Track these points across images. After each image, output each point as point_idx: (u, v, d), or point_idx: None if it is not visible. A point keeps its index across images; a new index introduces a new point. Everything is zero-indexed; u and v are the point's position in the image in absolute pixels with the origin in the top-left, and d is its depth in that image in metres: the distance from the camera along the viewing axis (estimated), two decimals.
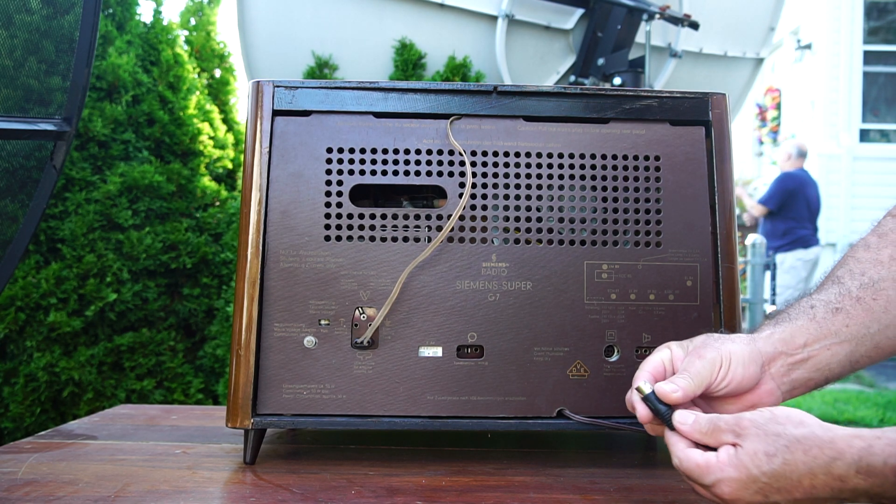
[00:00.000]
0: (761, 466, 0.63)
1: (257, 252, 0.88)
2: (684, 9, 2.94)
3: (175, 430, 1.09)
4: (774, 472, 0.63)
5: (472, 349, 0.89)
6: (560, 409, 0.89)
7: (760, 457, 0.64)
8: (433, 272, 0.89)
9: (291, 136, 0.91)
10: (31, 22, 1.31)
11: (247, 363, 0.87)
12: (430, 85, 0.93)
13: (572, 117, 0.93)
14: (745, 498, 0.64)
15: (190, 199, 2.72)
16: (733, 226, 0.93)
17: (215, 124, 2.95)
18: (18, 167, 1.31)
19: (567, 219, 0.91)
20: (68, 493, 0.76)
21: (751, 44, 3.42)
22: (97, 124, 2.59)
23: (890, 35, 8.24)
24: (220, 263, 2.66)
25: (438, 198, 0.94)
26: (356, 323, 0.88)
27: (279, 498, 0.76)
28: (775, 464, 0.63)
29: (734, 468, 0.64)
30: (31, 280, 2.43)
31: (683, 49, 3.11)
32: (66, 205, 2.54)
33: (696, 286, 0.91)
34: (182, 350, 2.57)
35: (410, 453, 0.95)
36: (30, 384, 2.39)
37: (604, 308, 0.90)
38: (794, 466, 0.62)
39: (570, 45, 2.96)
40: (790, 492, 0.62)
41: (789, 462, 0.62)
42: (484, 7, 2.83)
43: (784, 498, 0.63)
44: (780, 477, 0.63)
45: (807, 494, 0.62)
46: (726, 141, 0.94)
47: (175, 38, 2.88)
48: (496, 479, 0.84)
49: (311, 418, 0.87)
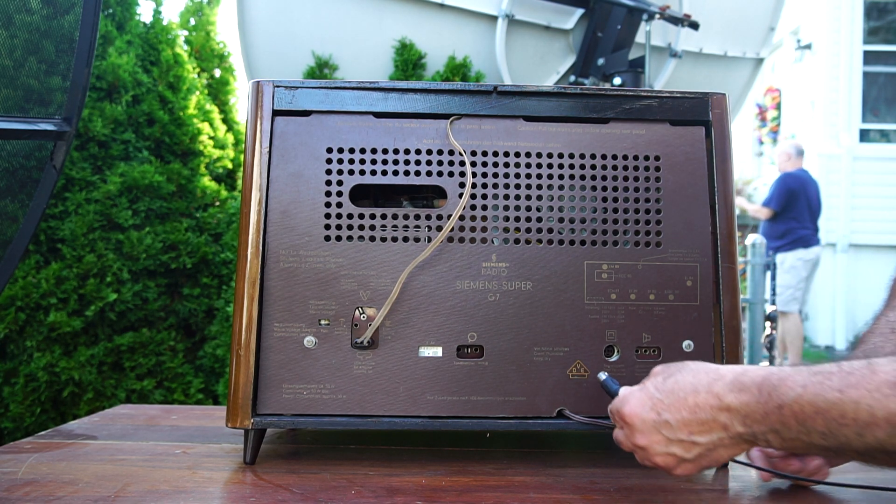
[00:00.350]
0: (658, 386, 0.74)
1: (257, 252, 0.88)
2: (684, 9, 2.94)
3: (175, 430, 1.09)
4: (666, 389, 0.73)
5: (472, 349, 0.89)
6: (560, 409, 0.88)
7: (659, 379, 0.75)
8: (433, 272, 0.89)
9: (291, 136, 0.91)
10: (31, 22, 1.31)
11: (247, 363, 0.87)
12: (430, 85, 0.93)
13: (572, 117, 0.93)
14: (641, 414, 0.73)
15: (190, 199, 2.72)
16: (733, 226, 0.93)
17: (215, 124, 2.95)
18: (18, 167, 1.31)
19: (567, 219, 0.91)
20: (68, 493, 0.76)
21: (751, 44, 3.42)
22: (97, 124, 2.59)
23: (890, 35, 8.23)
24: (220, 263, 2.66)
25: (438, 198, 0.94)
26: (356, 323, 0.88)
27: (279, 498, 0.76)
28: (668, 384, 0.73)
29: (639, 389, 0.75)
30: (31, 280, 2.43)
31: (683, 49, 3.11)
32: (66, 205, 2.54)
33: (696, 286, 0.91)
34: (182, 350, 2.57)
35: (410, 453, 0.95)
36: (30, 384, 2.39)
37: (604, 308, 0.90)
38: (682, 385, 0.72)
39: (570, 45, 2.96)
40: (678, 409, 0.71)
41: (679, 381, 0.73)
42: (484, 7, 2.83)
43: (672, 416, 0.71)
44: (670, 394, 0.72)
45: (691, 413, 0.71)
46: (726, 141, 0.94)
47: (175, 38, 2.88)
48: (496, 479, 0.84)
49: (311, 418, 0.87)
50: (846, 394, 0.63)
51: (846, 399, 0.63)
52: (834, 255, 7.67)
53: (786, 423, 0.66)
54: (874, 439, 0.62)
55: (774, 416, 0.67)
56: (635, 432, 0.74)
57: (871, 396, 0.62)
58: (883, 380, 0.61)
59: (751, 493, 0.83)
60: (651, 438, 0.73)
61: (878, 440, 0.62)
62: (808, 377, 0.66)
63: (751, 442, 0.70)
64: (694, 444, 0.71)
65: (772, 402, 0.67)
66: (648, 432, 0.73)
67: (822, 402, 0.64)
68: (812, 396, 0.65)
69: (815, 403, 0.64)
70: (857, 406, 0.62)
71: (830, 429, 0.64)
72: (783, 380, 0.67)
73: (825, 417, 0.64)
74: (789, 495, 0.82)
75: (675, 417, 0.71)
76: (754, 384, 0.68)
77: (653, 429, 0.72)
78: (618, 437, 0.77)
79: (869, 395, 0.62)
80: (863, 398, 0.62)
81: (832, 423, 0.64)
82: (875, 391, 0.62)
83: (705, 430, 0.70)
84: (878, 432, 0.62)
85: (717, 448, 0.71)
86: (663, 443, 0.72)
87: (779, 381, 0.67)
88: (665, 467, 0.74)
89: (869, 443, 0.62)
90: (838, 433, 0.64)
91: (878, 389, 0.61)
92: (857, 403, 0.62)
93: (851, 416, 0.63)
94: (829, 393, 0.64)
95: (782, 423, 0.66)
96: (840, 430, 0.63)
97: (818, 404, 0.64)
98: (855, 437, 0.63)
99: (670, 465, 0.73)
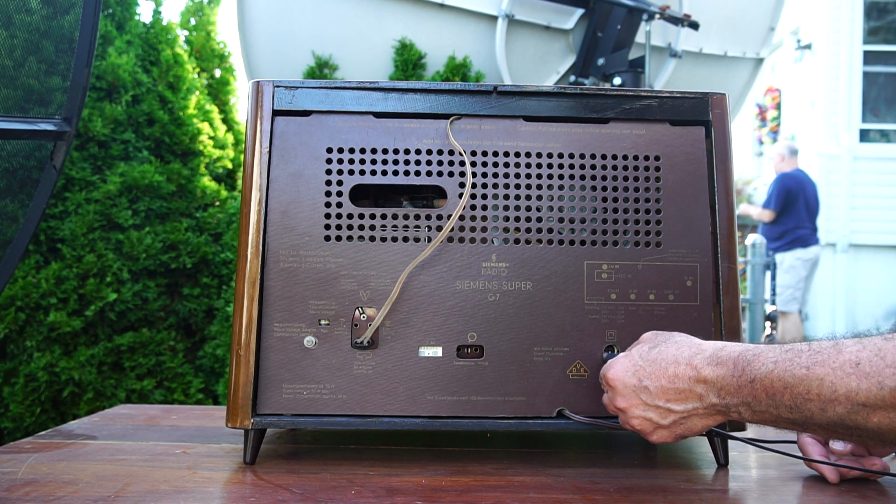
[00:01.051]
0: (643, 355, 0.79)
1: (257, 252, 0.88)
2: (684, 9, 2.94)
3: (175, 430, 1.09)
4: (650, 358, 0.77)
5: (472, 349, 0.89)
6: (560, 409, 0.88)
7: (644, 348, 0.80)
8: (433, 272, 0.89)
9: (291, 136, 0.91)
10: (31, 22, 1.31)
11: (247, 363, 0.87)
12: (430, 85, 0.93)
13: (572, 117, 0.93)
14: (623, 378, 0.78)
15: (190, 199, 2.72)
16: (733, 226, 0.93)
17: (215, 124, 2.95)
18: (18, 167, 1.31)
19: (567, 219, 0.91)
20: (68, 493, 0.76)
21: (751, 44, 3.42)
22: (97, 124, 2.59)
23: (890, 35, 8.23)
24: (220, 263, 2.66)
25: (438, 198, 0.94)
26: (356, 323, 0.88)
27: (279, 498, 0.76)
28: (653, 353, 0.78)
29: (624, 356, 0.81)
30: (31, 280, 2.43)
31: (683, 49, 3.11)
32: (66, 205, 2.54)
33: (696, 286, 0.91)
34: (182, 350, 2.57)
35: (410, 453, 0.95)
36: (30, 384, 2.39)
37: (604, 308, 0.90)
38: (665, 355, 0.77)
39: (570, 45, 2.95)
40: (658, 377, 0.76)
41: (662, 352, 0.77)
42: (484, 7, 2.83)
43: (652, 383, 0.76)
44: (653, 363, 0.77)
45: (670, 382, 0.75)
46: (726, 141, 0.94)
47: (175, 38, 2.88)
48: (496, 479, 0.84)
49: (311, 418, 0.87)
50: (812, 371, 0.66)
51: (812, 376, 0.66)
52: (834, 255, 7.66)
53: (757, 397, 0.70)
54: (835, 414, 0.65)
55: (747, 389, 0.70)
56: (617, 395, 0.79)
57: (833, 374, 0.65)
58: (846, 359, 0.65)
59: (751, 493, 0.83)
60: (630, 402, 0.78)
61: (839, 415, 0.65)
62: (780, 354, 0.69)
63: (723, 413, 0.74)
64: (670, 412, 0.76)
65: (745, 377, 0.71)
66: (628, 396, 0.78)
67: (790, 378, 0.67)
68: (781, 372, 0.68)
69: (784, 379, 0.68)
70: (821, 382, 0.66)
71: (797, 403, 0.67)
72: (757, 356, 0.71)
73: (792, 392, 0.67)
74: (789, 495, 0.82)
75: (654, 385, 0.76)
76: (730, 359, 0.73)
77: (632, 393, 0.77)
78: (604, 400, 0.82)
79: (832, 372, 0.65)
80: (826, 375, 0.65)
81: (798, 398, 0.67)
82: (838, 369, 0.65)
83: (681, 398, 0.75)
84: (839, 408, 0.65)
85: (691, 417, 0.76)
86: (641, 407, 0.77)
87: (753, 357, 0.71)
88: (641, 430, 0.79)
89: (830, 417, 0.66)
90: (803, 407, 0.67)
91: (840, 368, 0.65)
92: (821, 380, 0.66)
93: (815, 391, 0.66)
94: (797, 369, 0.67)
95: (754, 396, 0.70)
96: (805, 404, 0.67)
97: (786, 379, 0.68)
98: (818, 412, 0.66)
99: (646, 429, 0.78)
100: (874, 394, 0.63)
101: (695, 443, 1.03)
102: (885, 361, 0.62)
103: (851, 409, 0.64)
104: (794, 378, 0.67)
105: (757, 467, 0.94)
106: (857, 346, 0.65)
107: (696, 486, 0.84)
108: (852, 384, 0.64)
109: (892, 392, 0.62)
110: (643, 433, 0.79)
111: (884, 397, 0.62)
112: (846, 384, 0.64)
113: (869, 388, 0.63)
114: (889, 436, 0.64)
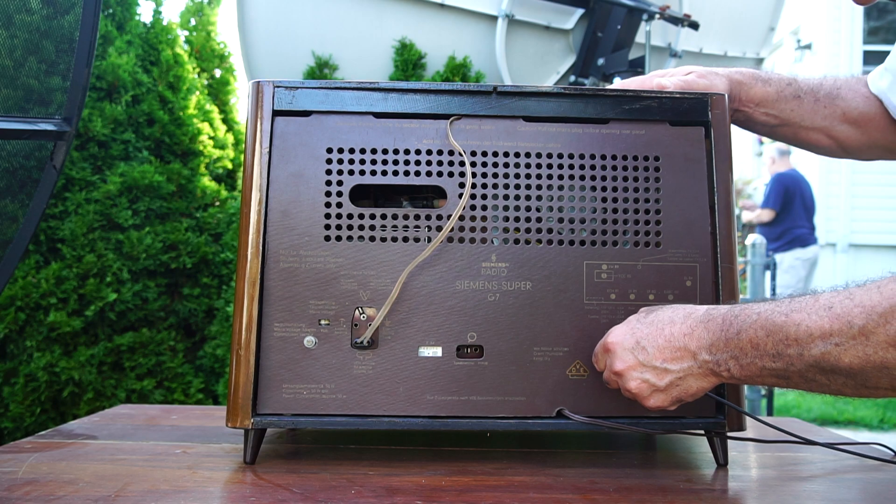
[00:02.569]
0: (640, 319, 0.83)
1: (257, 252, 0.88)
2: (684, 9, 2.94)
3: (175, 430, 1.09)
4: (647, 321, 0.81)
5: (472, 349, 0.89)
6: (560, 409, 0.89)
7: (641, 314, 0.84)
8: (433, 272, 0.89)
9: (291, 136, 0.91)
10: (31, 22, 1.31)
11: (247, 363, 0.87)
12: (430, 85, 0.93)
13: (572, 117, 0.93)
14: (621, 342, 0.81)
15: (190, 199, 2.72)
16: (733, 226, 0.93)
17: (215, 124, 2.95)
18: (18, 167, 1.31)
19: (567, 219, 0.91)
20: (68, 493, 0.76)
21: (751, 44, 3.42)
22: (97, 124, 2.59)
23: (890, 35, 8.22)
24: (220, 263, 2.66)
25: (438, 198, 0.94)
26: (356, 323, 0.88)
27: (279, 498, 0.76)
28: (650, 317, 0.82)
29: (623, 322, 0.84)
30: (31, 280, 2.43)
31: (683, 49, 3.11)
32: (66, 205, 2.54)
33: (695, 286, 0.91)
34: (182, 350, 2.57)
35: (410, 453, 0.95)
36: (30, 384, 2.39)
37: (604, 308, 0.90)
38: (661, 317, 0.81)
39: (570, 45, 2.95)
40: (655, 337, 0.79)
41: (658, 315, 0.81)
42: (484, 7, 2.82)
43: (649, 343, 0.79)
44: (649, 324, 0.81)
45: (666, 341, 0.78)
46: (726, 141, 0.94)
47: (175, 39, 2.88)
48: (496, 479, 0.84)
49: (311, 418, 0.87)
50: (790, 317, 0.70)
51: (790, 321, 0.70)
52: (834, 255, 7.66)
53: (743, 349, 0.74)
54: (811, 357, 0.69)
55: (734, 342, 0.74)
56: (615, 359, 0.81)
57: (809, 318, 0.69)
58: (821, 304, 0.69)
59: (751, 493, 0.83)
60: (627, 363, 0.80)
61: (815, 358, 0.69)
62: (763, 306, 0.74)
63: (715, 373, 0.77)
64: (666, 371, 0.79)
65: (732, 330, 0.75)
66: (626, 358, 0.80)
67: (771, 325, 0.72)
68: (763, 321, 0.72)
69: (766, 327, 0.72)
70: (797, 327, 0.70)
71: (778, 350, 0.71)
72: (743, 310, 0.76)
73: (774, 339, 0.71)
74: (789, 495, 0.82)
75: (651, 344, 0.79)
76: (720, 315, 0.77)
77: (630, 354, 0.80)
78: (604, 375, 0.85)
79: (808, 317, 0.69)
80: (803, 320, 0.69)
81: (780, 345, 0.71)
82: (813, 313, 0.69)
83: (677, 357, 0.78)
84: (814, 349, 0.69)
85: (687, 377, 0.78)
86: (638, 368, 0.80)
87: (739, 311, 0.76)
88: (638, 394, 0.81)
89: (807, 361, 0.69)
90: (784, 353, 0.71)
91: (815, 312, 0.69)
92: (797, 325, 0.70)
93: (793, 336, 0.70)
94: (777, 317, 0.71)
95: (740, 348, 0.74)
96: (785, 350, 0.71)
97: (768, 327, 0.72)
98: (797, 357, 0.70)
99: (643, 392, 0.80)
100: (845, 332, 0.67)
101: (695, 443, 1.03)
102: (853, 302, 0.67)
103: (825, 349, 0.68)
104: (774, 325, 0.71)
105: (757, 467, 0.94)
106: (832, 293, 0.70)
107: (695, 486, 0.84)
108: (825, 325, 0.68)
109: (860, 330, 0.66)
110: (640, 397, 0.81)
111: (853, 335, 0.66)
112: (820, 326, 0.68)
113: (840, 328, 0.67)
114: (861, 376, 0.67)
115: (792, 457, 0.99)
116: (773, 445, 1.02)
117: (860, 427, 4.46)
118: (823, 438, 1.02)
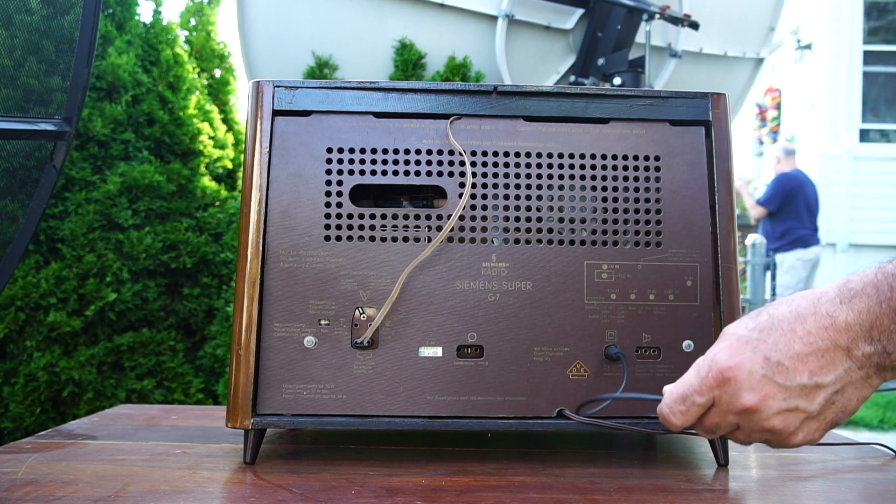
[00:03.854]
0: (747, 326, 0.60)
1: (257, 252, 0.88)
2: (684, 9, 2.94)
3: (175, 430, 1.09)
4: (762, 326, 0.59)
5: (472, 349, 0.89)
6: (560, 409, 0.88)
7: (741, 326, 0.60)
8: (433, 272, 0.89)
9: (291, 136, 0.91)
10: (31, 22, 1.31)
11: (247, 363, 0.87)
12: (430, 85, 0.93)
13: (572, 117, 0.93)
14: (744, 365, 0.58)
15: (190, 199, 2.72)
16: (733, 226, 0.93)
17: (215, 124, 2.95)
18: (18, 167, 1.31)
19: (567, 219, 0.91)
20: (68, 493, 0.76)
21: (751, 44, 3.42)
22: (97, 124, 2.59)
23: (890, 35, 8.23)
24: (220, 263, 2.66)
25: (438, 198, 0.94)
26: (356, 323, 0.88)
27: (279, 498, 0.76)
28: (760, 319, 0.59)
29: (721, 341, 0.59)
30: (31, 280, 2.43)
31: (683, 49, 3.11)
32: (66, 205, 2.54)
33: (696, 286, 0.91)
34: (182, 350, 2.57)
35: (410, 453, 0.95)
36: (30, 384, 2.39)
37: (604, 308, 0.90)
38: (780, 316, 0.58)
39: (570, 45, 2.96)
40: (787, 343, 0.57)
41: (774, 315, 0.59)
42: (484, 7, 2.83)
43: (784, 354, 0.57)
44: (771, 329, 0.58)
45: (806, 345, 0.57)
46: (726, 141, 0.94)
47: (175, 38, 2.88)
48: (496, 479, 0.84)
49: (311, 418, 0.87)
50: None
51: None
52: (834, 255, 7.67)
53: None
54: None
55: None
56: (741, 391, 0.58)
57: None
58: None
59: (751, 493, 0.83)
60: (764, 391, 0.58)
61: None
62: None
63: (885, 367, 0.57)
64: (817, 388, 0.58)
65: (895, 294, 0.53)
66: (759, 385, 0.58)
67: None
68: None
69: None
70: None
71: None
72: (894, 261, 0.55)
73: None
74: (789, 495, 0.82)
75: (787, 355, 0.57)
76: (867, 283, 0.55)
77: (764, 378, 0.58)
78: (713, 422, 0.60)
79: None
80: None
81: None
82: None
83: (827, 363, 0.57)
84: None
85: (845, 388, 0.58)
86: (780, 395, 0.58)
87: (893, 267, 0.55)
88: (783, 431, 0.59)
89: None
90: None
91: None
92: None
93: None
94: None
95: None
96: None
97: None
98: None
99: (790, 426, 0.59)
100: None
101: (695, 443, 1.03)
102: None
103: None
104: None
105: (757, 467, 0.94)
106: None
107: (696, 486, 0.84)
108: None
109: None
110: (784, 435, 0.60)
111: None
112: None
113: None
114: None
115: (792, 457, 0.99)
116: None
117: (860, 427, 4.46)
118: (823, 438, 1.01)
